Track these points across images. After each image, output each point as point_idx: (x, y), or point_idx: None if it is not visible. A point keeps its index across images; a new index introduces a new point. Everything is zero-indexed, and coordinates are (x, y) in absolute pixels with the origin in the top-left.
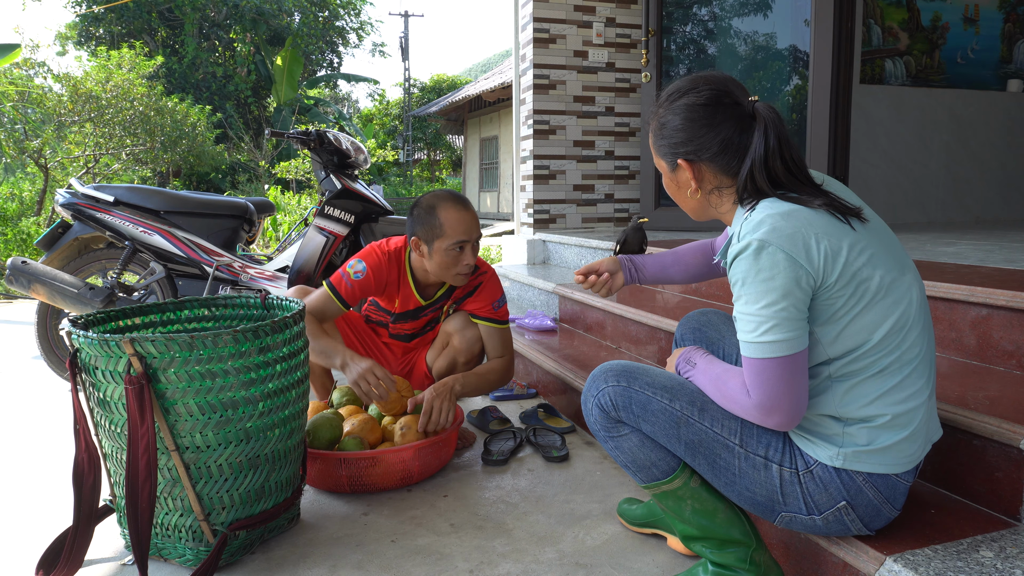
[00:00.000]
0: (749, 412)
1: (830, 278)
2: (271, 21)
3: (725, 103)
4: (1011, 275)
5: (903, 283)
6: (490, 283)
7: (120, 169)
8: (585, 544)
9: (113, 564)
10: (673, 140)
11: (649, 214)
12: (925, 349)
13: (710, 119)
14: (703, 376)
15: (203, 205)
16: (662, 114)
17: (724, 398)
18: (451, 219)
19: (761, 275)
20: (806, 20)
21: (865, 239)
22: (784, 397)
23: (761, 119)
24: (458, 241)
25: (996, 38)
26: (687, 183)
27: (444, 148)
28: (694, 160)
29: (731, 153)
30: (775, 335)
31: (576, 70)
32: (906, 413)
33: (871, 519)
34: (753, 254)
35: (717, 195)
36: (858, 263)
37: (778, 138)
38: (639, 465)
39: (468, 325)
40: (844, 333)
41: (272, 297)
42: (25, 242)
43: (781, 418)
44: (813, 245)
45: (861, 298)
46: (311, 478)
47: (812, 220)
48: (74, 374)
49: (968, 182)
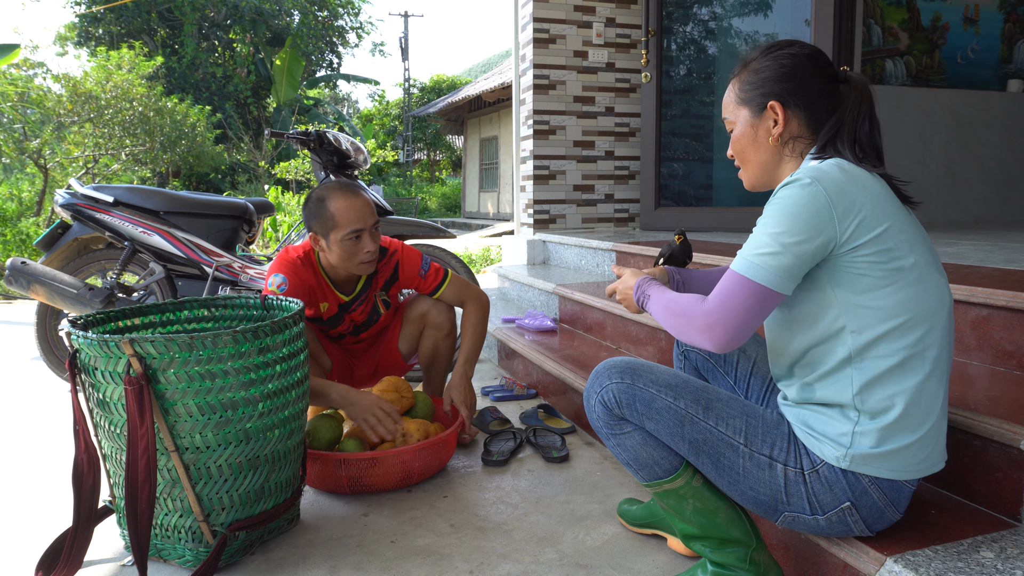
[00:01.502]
0: (694, 319)
1: (861, 237)
2: (271, 21)
3: (824, 61)
4: (1011, 275)
5: (939, 282)
6: (405, 258)
7: (120, 169)
8: (585, 545)
9: (113, 565)
10: (770, 84)
11: (649, 214)
12: (944, 358)
13: (809, 69)
14: (656, 303)
15: (203, 205)
16: (756, 64)
17: (673, 313)
18: (341, 208)
19: (795, 206)
20: (806, 20)
21: (911, 225)
22: (735, 317)
23: (856, 84)
24: (352, 230)
25: (996, 38)
26: (768, 130)
27: (444, 148)
28: (787, 104)
29: (822, 106)
30: (770, 262)
31: (576, 70)
32: (919, 415)
33: (874, 521)
34: (801, 185)
35: (791, 146)
36: (897, 239)
37: (869, 104)
38: (641, 463)
39: (432, 304)
40: (865, 300)
41: (272, 297)
42: (24, 243)
43: (720, 335)
44: (857, 202)
45: (892, 271)
46: (311, 479)
47: (868, 185)
48: (73, 375)
49: (968, 182)
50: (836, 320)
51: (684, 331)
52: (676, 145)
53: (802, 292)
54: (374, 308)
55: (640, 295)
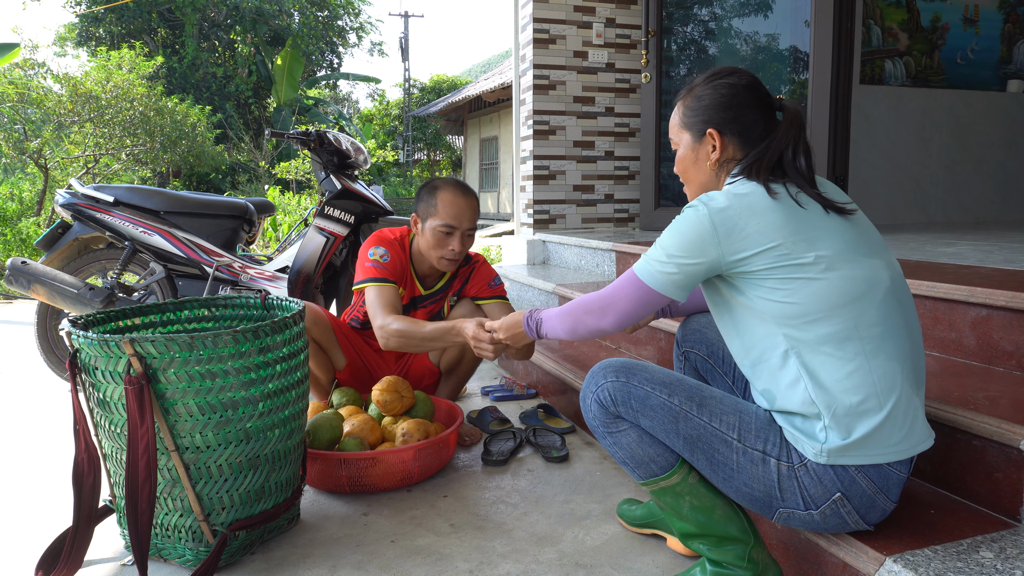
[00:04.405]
0: (591, 307)
1: (746, 252)
2: (271, 21)
3: (761, 91)
4: (1011, 275)
5: (862, 264)
6: (482, 267)
7: (120, 169)
8: (585, 544)
9: (113, 564)
10: (709, 112)
11: (649, 214)
12: (895, 335)
13: (747, 99)
14: (555, 317)
15: (203, 205)
16: (699, 91)
17: (568, 312)
18: (446, 201)
19: (685, 226)
20: (806, 21)
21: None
22: (622, 306)
23: (788, 112)
24: (447, 224)
25: (996, 39)
26: (708, 154)
27: (444, 148)
28: (724, 132)
29: (756, 133)
30: (656, 267)
31: (576, 70)
32: (877, 395)
33: (867, 511)
34: (691, 209)
35: (727, 167)
36: (791, 242)
37: (798, 131)
38: (637, 461)
39: (474, 310)
40: (776, 298)
41: (272, 297)
42: (25, 242)
43: (612, 319)
44: (740, 225)
45: (791, 269)
46: (311, 478)
47: (758, 207)
48: (74, 374)
49: (968, 182)
50: (762, 320)
51: (581, 320)
52: None
53: (730, 299)
54: (441, 310)
55: (532, 323)
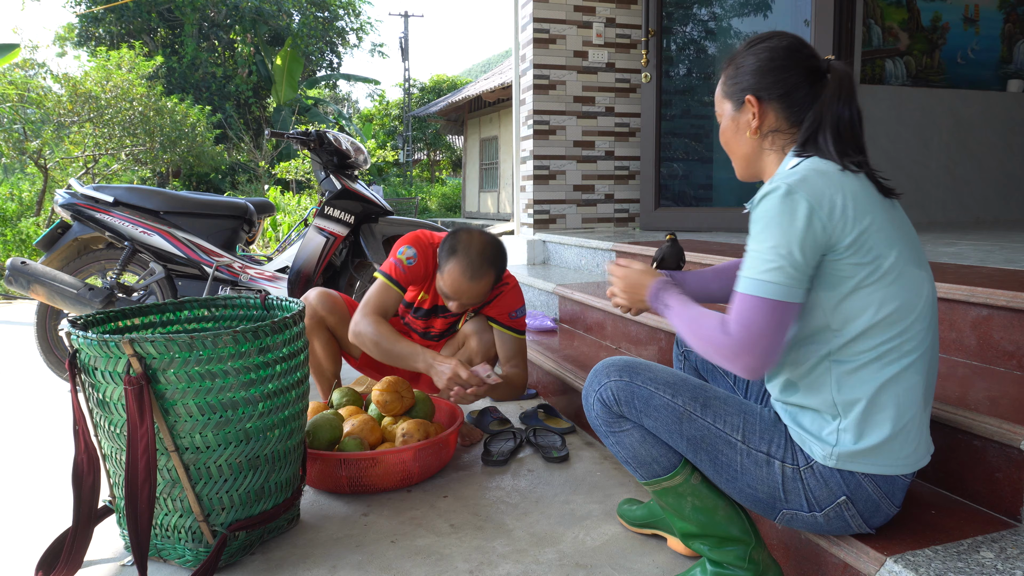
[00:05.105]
0: (721, 349)
1: (845, 239)
2: (271, 21)
3: (804, 52)
4: (1011, 275)
5: (917, 276)
6: (510, 293)
7: (120, 169)
8: (585, 545)
9: (113, 565)
10: (746, 78)
11: (649, 214)
12: (927, 350)
13: (785, 61)
14: (678, 317)
15: (203, 205)
16: (740, 59)
17: (697, 337)
18: (453, 275)
19: (781, 217)
20: (806, 20)
21: (892, 220)
22: (762, 339)
23: (836, 75)
24: (445, 292)
25: (996, 38)
26: (747, 124)
27: (444, 148)
28: (762, 98)
29: (798, 99)
30: (776, 277)
31: (576, 70)
32: (898, 406)
33: (871, 515)
34: (780, 196)
35: (771, 139)
36: (877, 237)
37: (849, 93)
38: (640, 461)
39: (486, 329)
40: (848, 301)
41: (272, 297)
42: (24, 243)
43: (751, 360)
44: (838, 204)
45: (873, 272)
46: (311, 479)
47: (845, 184)
48: (73, 375)
49: (968, 182)
50: (820, 320)
51: (711, 357)
52: (676, 145)
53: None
54: (458, 322)
55: (658, 304)
